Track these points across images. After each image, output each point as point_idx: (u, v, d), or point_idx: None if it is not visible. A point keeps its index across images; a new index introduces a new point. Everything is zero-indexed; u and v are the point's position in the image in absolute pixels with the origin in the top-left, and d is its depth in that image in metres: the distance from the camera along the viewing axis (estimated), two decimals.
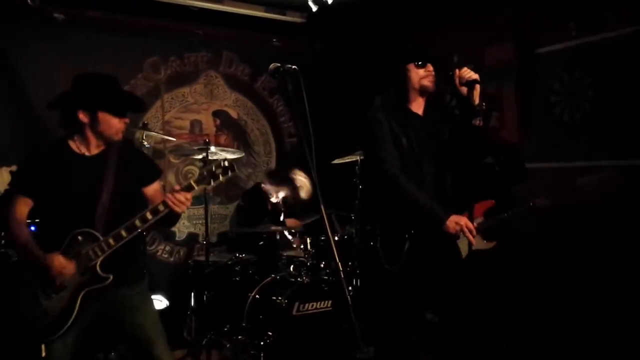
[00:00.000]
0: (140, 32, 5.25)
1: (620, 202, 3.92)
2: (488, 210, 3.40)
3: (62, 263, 2.51)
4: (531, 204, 3.64)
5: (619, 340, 3.67)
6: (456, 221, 2.68)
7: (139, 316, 2.71)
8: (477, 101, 2.79)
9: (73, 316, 2.52)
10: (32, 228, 3.94)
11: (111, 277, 2.58)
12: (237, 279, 4.24)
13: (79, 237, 2.58)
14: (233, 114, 5.85)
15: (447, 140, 2.90)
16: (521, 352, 3.96)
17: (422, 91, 2.88)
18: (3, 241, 3.89)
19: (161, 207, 2.60)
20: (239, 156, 4.90)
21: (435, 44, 4.94)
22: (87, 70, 2.72)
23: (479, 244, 3.39)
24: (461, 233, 2.70)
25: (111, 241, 2.57)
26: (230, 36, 5.74)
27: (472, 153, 2.96)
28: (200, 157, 4.24)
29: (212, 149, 4.18)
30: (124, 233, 2.58)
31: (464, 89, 2.82)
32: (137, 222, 2.59)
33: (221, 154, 4.44)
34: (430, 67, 2.87)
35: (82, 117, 2.59)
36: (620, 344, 3.66)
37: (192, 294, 4.44)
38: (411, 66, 2.86)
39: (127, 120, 2.70)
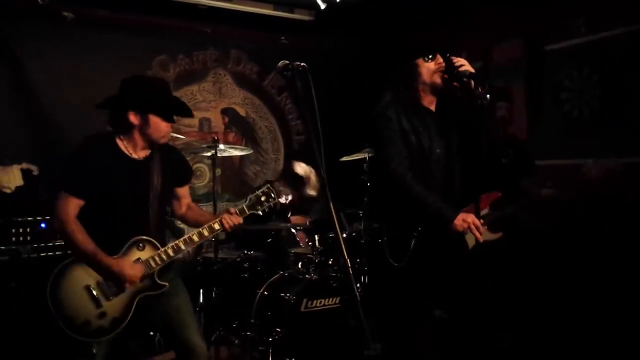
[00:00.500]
0: (148, 31, 5.28)
1: (628, 199, 3.90)
2: (495, 202, 3.39)
3: (135, 270, 2.54)
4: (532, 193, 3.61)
5: (624, 335, 3.67)
6: (463, 219, 2.64)
7: (174, 300, 2.72)
8: (478, 90, 2.66)
9: (128, 318, 2.57)
10: (43, 225, 4.03)
11: (167, 285, 2.66)
12: (246, 275, 4.26)
13: (140, 244, 2.63)
14: (241, 111, 5.87)
15: (458, 136, 2.84)
16: (526, 348, 3.96)
17: (434, 88, 2.78)
18: (14, 238, 3.94)
19: (217, 226, 2.76)
20: (247, 153, 4.92)
21: (444, 41, 4.92)
22: (96, 68, 2.74)
23: (484, 235, 3.38)
24: (468, 230, 2.68)
25: (170, 252, 2.66)
26: (238, 34, 5.76)
27: (484, 144, 2.86)
28: (209, 154, 4.26)
29: (221, 146, 4.20)
30: (182, 246, 2.68)
31: (457, 85, 2.71)
32: (195, 237, 2.72)
33: (229, 152, 4.47)
34: (440, 60, 2.74)
35: (133, 118, 2.59)
36: (625, 338, 3.66)
37: (201, 290, 4.46)
38: (420, 61, 2.76)
39: (174, 124, 2.73)
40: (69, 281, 2.52)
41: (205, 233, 2.74)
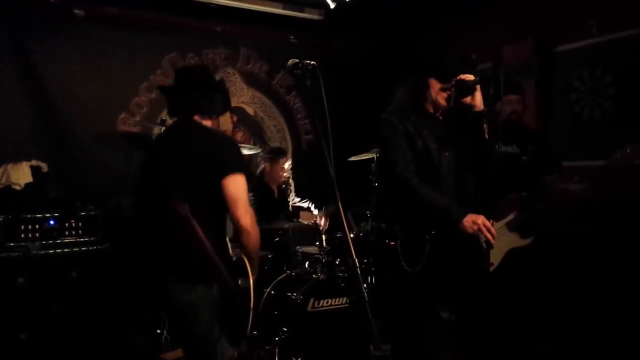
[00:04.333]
0: (158, 29, 5.28)
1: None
2: (521, 203, 3.29)
3: None
4: (555, 190, 3.47)
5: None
6: (473, 220, 2.57)
7: None
8: (481, 105, 2.75)
9: None
10: (52, 222, 4.04)
11: None
12: None
13: None
14: (250, 110, 5.87)
15: (467, 142, 2.83)
16: (541, 351, 3.94)
17: (436, 106, 2.82)
18: (23, 235, 3.96)
19: None
20: (255, 152, 4.92)
21: (454, 42, 4.90)
22: (106, 65, 2.75)
23: (516, 241, 3.29)
24: (479, 233, 2.60)
25: None
26: (248, 33, 5.76)
27: (485, 159, 2.86)
28: None
29: None
30: None
31: (468, 98, 2.75)
32: None
33: None
34: (452, 82, 2.77)
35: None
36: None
37: None
38: (432, 80, 2.77)
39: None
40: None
41: None
